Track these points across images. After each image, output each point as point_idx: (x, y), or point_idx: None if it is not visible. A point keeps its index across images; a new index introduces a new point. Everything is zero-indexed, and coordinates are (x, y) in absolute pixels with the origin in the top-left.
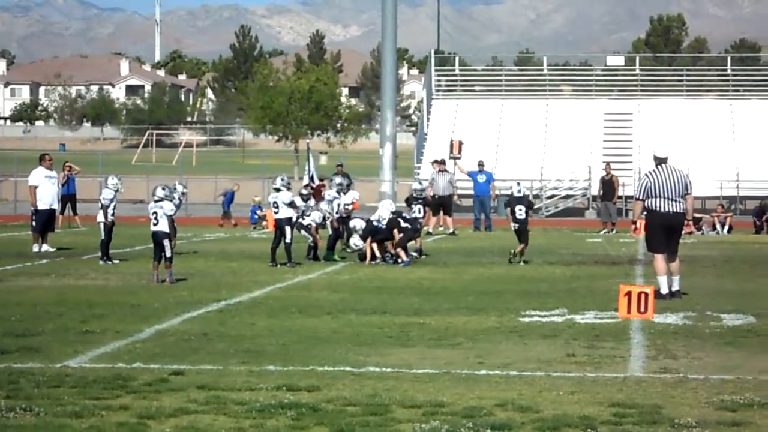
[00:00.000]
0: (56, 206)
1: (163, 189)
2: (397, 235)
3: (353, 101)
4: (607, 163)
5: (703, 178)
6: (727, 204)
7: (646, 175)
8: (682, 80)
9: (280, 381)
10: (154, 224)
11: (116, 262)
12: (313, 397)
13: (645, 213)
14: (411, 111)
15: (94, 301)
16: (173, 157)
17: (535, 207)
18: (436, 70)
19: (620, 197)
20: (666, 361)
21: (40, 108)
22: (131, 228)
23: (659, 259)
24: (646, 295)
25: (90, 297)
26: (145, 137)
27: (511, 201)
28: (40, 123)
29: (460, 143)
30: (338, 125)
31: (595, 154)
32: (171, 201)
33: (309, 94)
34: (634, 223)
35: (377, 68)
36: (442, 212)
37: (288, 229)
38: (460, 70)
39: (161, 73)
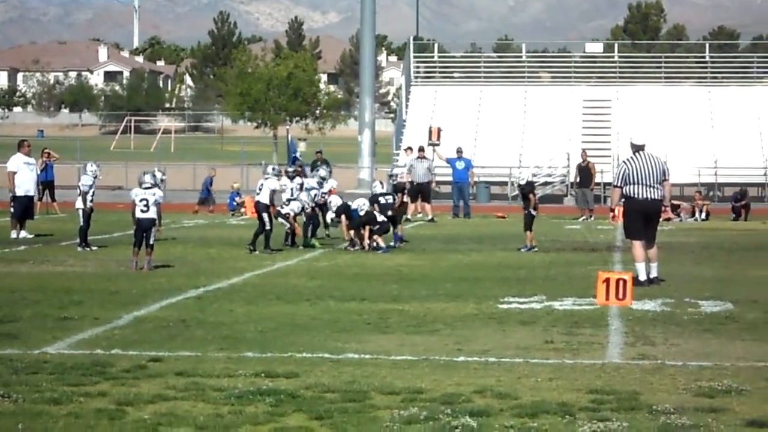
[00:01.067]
0: (34, 193)
1: (152, 177)
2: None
3: (332, 88)
4: (584, 150)
5: (681, 164)
6: (705, 191)
7: (624, 162)
8: (660, 67)
9: (258, 368)
10: (143, 211)
11: (94, 248)
12: (292, 384)
13: (623, 200)
14: (390, 98)
15: (72, 287)
16: (152, 144)
17: (513, 194)
18: (414, 57)
19: (598, 184)
20: (644, 348)
21: (18, 94)
22: (110, 214)
23: (637, 246)
24: (625, 281)
25: (68, 283)
26: (124, 124)
27: (525, 188)
28: (18, 109)
29: (439, 130)
30: (317, 112)
31: (573, 141)
32: (159, 188)
33: (287, 81)
34: (613, 210)
35: (356, 55)
36: (420, 199)
37: (265, 215)
38: (439, 57)
39: (140, 59)
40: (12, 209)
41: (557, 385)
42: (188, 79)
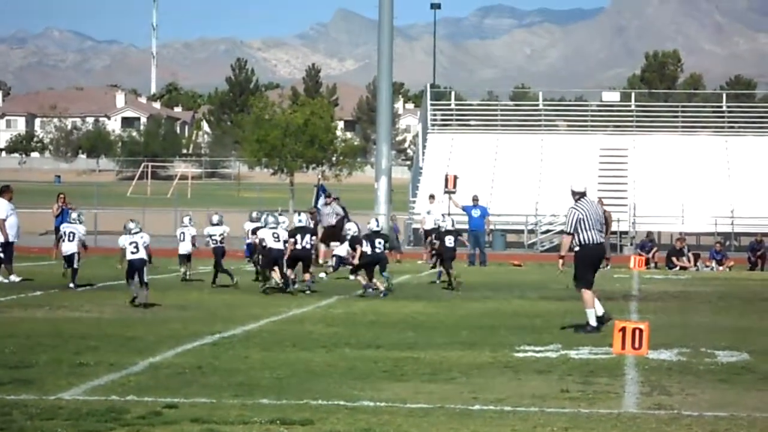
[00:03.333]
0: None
1: (137, 224)
2: (353, 254)
3: (349, 135)
4: (600, 198)
5: (698, 214)
6: (723, 240)
7: (575, 208)
8: (677, 116)
9: (273, 414)
10: (133, 253)
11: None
12: (307, 431)
13: (576, 247)
14: (406, 145)
15: (88, 333)
16: (168, 190)
17: (530, 242)
18: (431, 105)
19: (614, 232)
20: (660, 398)
21: (35, 139)
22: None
23: (590, 293)
24: (641, 331)
25: (84, 329)
26: (141, 169)
27: (441, 234)
28: (35, 154)
29: (455, 177)
30: (334, 158)
31: (590, 189)
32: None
33: (304, 128)
34: (562, 257)
35: (373, 102)
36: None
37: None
38: (456, 105)
39: (157, 105)
40: (1, 255)
41: None
42: (205, 126)
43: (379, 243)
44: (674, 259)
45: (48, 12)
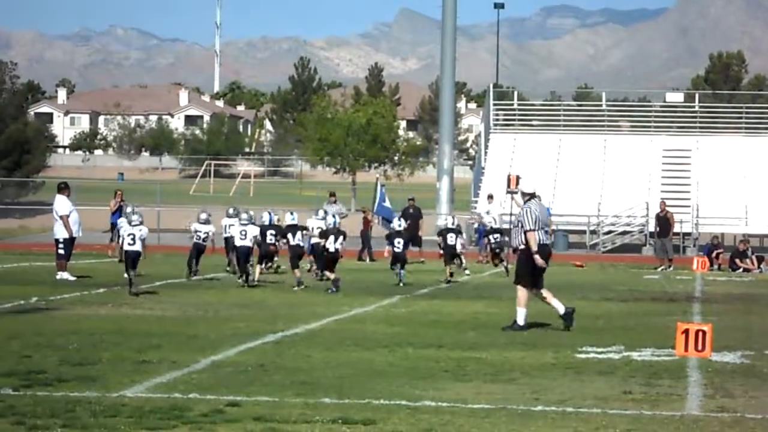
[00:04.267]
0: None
1: (139, 216)
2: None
3: (411, 134)
4: (663, 200)
5: (761, 215)
6: None
7: (528, 208)
8: (741, 117)
9: (335, 414)
10: (130, 244)
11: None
12: (369, 431)
13: (522, 245)
14: (468, 144)
15: (151, 331)
16: (231, 188)
17: (592, 243)
18: (494, 104)
19: (677, 234)
20: (723, 400)
21: (99, 137)
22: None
23: (525, 292)
24: (704, 333)
25: (147, 327)
26: (203, 167)
27: (443, 231)
28: (99, 152)
29: (518, 177)
30: (395, 158)
31: (653, 190)
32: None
33: (367, 127)
34: (537, 253)
35: (435, 101)
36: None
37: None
38: (519, 105)
39: (220, 103)
40: (63, 251)
41: None
42: (268, 124)
43: (398, 242)
44: (737, 261)
45: (112, 10)
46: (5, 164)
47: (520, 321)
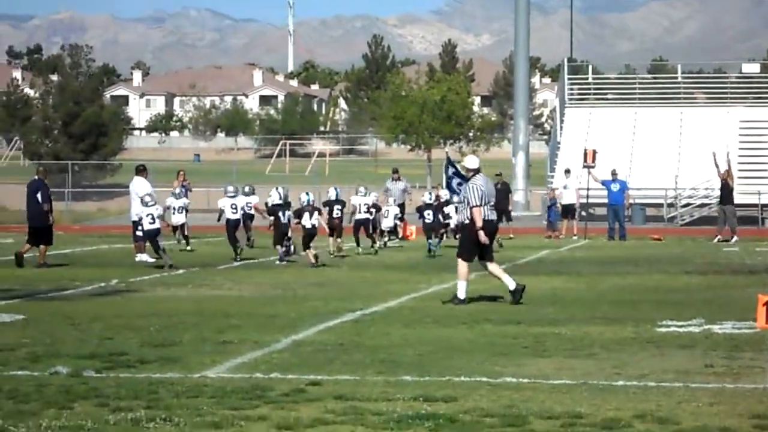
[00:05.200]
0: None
1: (152, 197)
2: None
3: (485, 110)
4: (727, 170)
5: None
6: None
7: (474, 184)
8: None
9: (416, 391)
10: (151, 223)
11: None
12: (450, 408)
13: (467, 221)
14: (543, 119)
15: (230, 311)
16: (306, 167)
17: (669, 216)
18: (569, 79)
19: (754, 205)
20: None
21: (174, 119)
22: (266, 237)
23: (465, 266)
24: None
25: (226, 307)
26: (279, 147)
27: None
28: (175, 134)
29: (594, 152)
30: (470, 134)
31: (730, 162)
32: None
33: (441, 104)
34: (482, 228)
35: (509, 77)
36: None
37: None
38: (593, 79)
39: (294, 83)
40: (141, 233)
41: (718, 410)
42: (342, 103)
43: (428, 214)
44: None
45: None
46: (82, 147)
47: (461, 294)
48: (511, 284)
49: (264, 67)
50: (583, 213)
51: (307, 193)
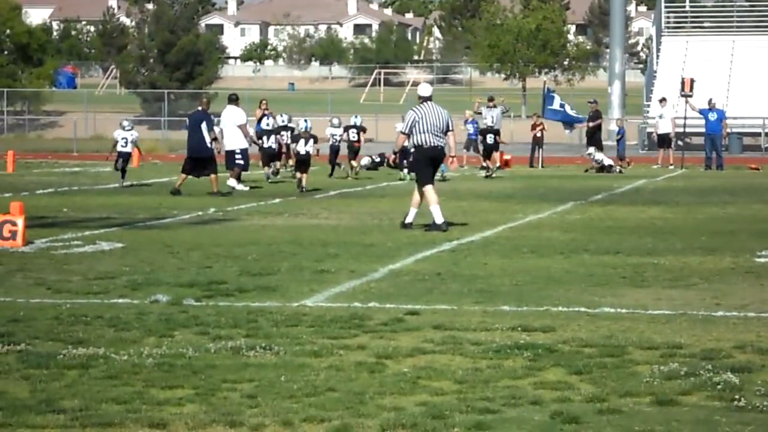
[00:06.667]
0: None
1: (130, 122)
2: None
3: (580, 39)
4: None
5: None
6: None
7: (413, 110)
8: None
9: (514, 321)
10: (123, 147)
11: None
12: (549, 338)
13: (413, 149)
14: (639, 48)
15: (327, 240)
16: (401, 96)
17: (767, 145)
18: (665, 7)
19: None
20: None
21: (269, 48)
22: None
23: (431, 190)
24: None
25: (323, 236)
26: (373, 76)
27: (484, 131)
28: (269, 62)
29: (692, 81)
30: (565, 63)
31: None
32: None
33: (536, 32)
34: (395, 153)
35: (605, 5)
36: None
37: None
38: (690, 6)
39: (388, 11)
40: (241, 161)
41: None
42: (436, 31)
43: (490, 137)
44: None
45: None
46: (178, 76)
47: (437, 219)
48: (439, 218)
49: None
50: (680, 142)
51: (306, 120)
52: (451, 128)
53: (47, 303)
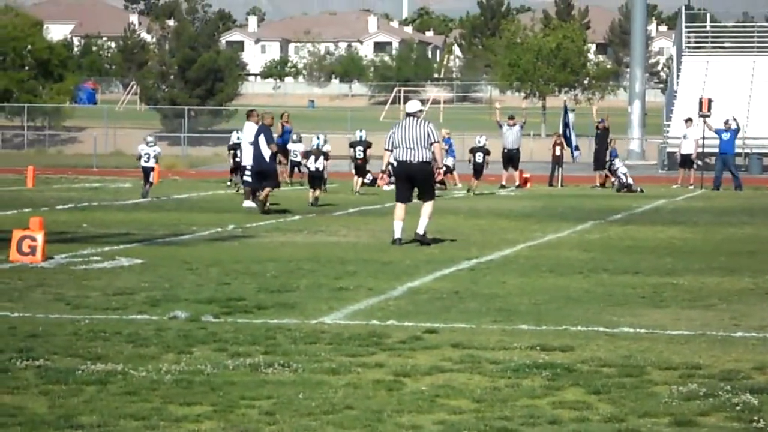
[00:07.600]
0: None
1: (154, 137)
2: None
3: (601, 58)
4: None
5: None
6: None
7: (393, 127)
8: None
9: (533, 340)
10: (146, 162)
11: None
12: (568, 358)
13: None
14: (659, 68)
15: (346, 257)
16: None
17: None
18: (686, 27)
19: None
20: None
21: (289, 65)
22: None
23: (399, 208)
24: None
25: (342, 254)
26: (393, 94)
27: (473, 149)
28: (289, 79)
29: (710, 101)
30: (585, 82)
31: None
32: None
33: (556, 51)
34: (383, 171)
35: (625, 24)
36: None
37: None
38: (711, 27)
39: (409, 29)
40: (250, 178)
41: None
42: (457, 50)
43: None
44: None
45: None
46: (198, 93)
47: (396, 234)
48: (421, 230)
49: (378, 14)
50: (699, 162)
51: (318, 137)
52: (433, 140)
53: (66, 318)
